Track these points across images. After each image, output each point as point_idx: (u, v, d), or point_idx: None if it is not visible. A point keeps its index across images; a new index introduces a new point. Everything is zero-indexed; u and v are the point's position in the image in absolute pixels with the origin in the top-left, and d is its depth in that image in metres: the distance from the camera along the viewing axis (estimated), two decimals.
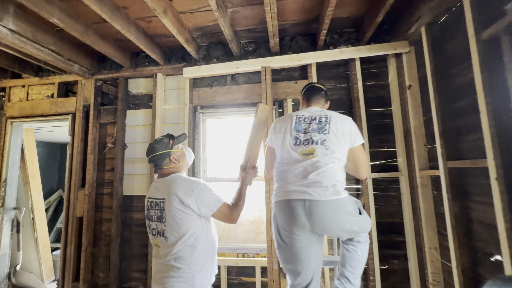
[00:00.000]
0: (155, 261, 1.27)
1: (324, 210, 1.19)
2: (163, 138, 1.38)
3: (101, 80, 2.68)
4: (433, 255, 1.92)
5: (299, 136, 1.37)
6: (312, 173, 1.25)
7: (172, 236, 1.20)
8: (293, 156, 1.33)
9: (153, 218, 1.27)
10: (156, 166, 1.34)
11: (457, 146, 1.65)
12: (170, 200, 1.21)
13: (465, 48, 1.54)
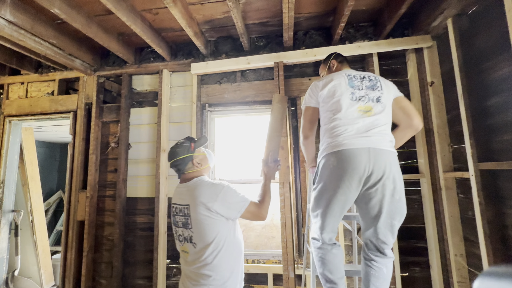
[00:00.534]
0: (183, 267, 1.24)
1: (386, 158, 1.19)
2: (184, 141, 1.31)
3: (104, 77, 2.56)
4: (459, 262, 1.80)
5: (354, 92, 1.30)
6: (372, 129, 1.23)
7: (200, 242, 1.16)
8: (350, 112, 1.27)
9: (178, 224, 1.23)
10: (179, 171, 1.29)
11: (489, 147, 1.53)
12: (196, 207, 1.16)
13: (500, 40, 1.43)
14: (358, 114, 1.26)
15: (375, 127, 1.23)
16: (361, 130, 1.22)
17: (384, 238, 1.24)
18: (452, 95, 1.85)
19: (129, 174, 2.43)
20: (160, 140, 2.33)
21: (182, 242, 1.22)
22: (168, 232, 2.29)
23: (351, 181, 1.18)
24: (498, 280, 0.32)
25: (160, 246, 2.20)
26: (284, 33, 2.00)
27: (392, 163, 1.20)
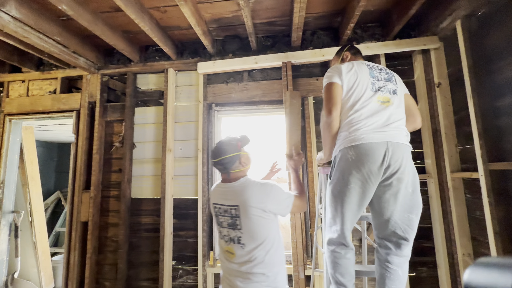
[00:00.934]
0: (225, 266, 1.25)
1: (403, 152, 1.19)
2: (231, 139, 1.30)
3: (108, 75, 2.52)
4: (467, 262, 1.81)
5: (374, 82, 1.30)
6: (390, 124, 1.23)
7: (251, 242, 1.18)
8: (369, 103, 1.25)
9: (223, 224, 1.25)
10: (225, 170, 1.26)
11: (499, 147, 1.54)
12: (248, 208, 1.17)
13: (510, 41, 1.44)
14: (377, 105, 1.25)
15: (393, 122, 1.23)
16: (380, 124, 1.21)
17: (403, 234, 1.21)
18: (459, 96, 1.87)
19: (133, 174, 2.40)
20: (166, 140, 2.30)
21: (228, 243, 1.23)
22: (174, 233, 2.26)
23: (369, 174, 1.17)
24: (488, 270, 0.33)
25: (166, 247, 2.17)
26: (293, 33, 1.99)
27: (408, 157, 1.21)
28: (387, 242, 1.27)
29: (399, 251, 1.24)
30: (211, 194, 1.35)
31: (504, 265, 0.32)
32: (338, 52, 1.60)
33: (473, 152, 1.72)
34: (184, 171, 2.34)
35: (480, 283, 0.33)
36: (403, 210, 1.21)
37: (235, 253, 1.20)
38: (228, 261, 1.23)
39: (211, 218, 2.22)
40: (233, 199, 1.21)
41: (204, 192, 2.21)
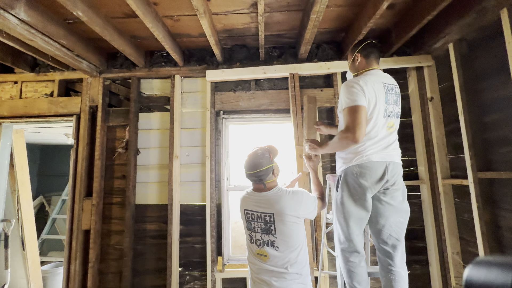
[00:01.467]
0: (257, 267, 1.35)
1: (399, 170, 1.43)
2: (264, 152, 1.39)
3: (110, 79, 2.47)
4: (456, 260, 2.02)
5: (387, 107, 1.40)
6: (391, 145, 1.42)
7: (285, 246, 1.30)
8: (379, 128, 1.39)
9: (256, 229, 1.36)
10: (261, 181, 1.35)
11: (486, 158, 1.75)
12: (283, 216, 1.29)
13: (497, 65, 1.65)
14: (385, 132, 1.41)
15: (392, 143, 1.43)
16: (383, 147, 1.40)
17: (396, 235, 1.42)
18: (449, 110, 2.08)
19: (138, 181, 2.37)
20: (173, 146, 2.30)
21: (260, 246, 1.34)
22: (181, 239, 2.27)
23: (371, 185, 1.36)
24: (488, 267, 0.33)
25: (173, 254, 2.18)
26: (302, 47, 2.09)
27: (401, 172, 1.45)
28: (385, 246, 1.44)
29: (396, 251, 1.42)
30: (242, 201, 1.45)
31: (504, 263, 0.32)
32: (352, 49, 1.56)
33: (462, 161, 1.93)
34: (190, 178, 2.36)
35: (480, 280, 0.33)
36: (396, 215, 1.42)
37: (269, 255, 1.32)
38: (261, 262, 1.34)
39: (218, 224, 2.26)
40: (268, 207, 1.32)
41: (212, 198, 2.24)
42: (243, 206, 1.43)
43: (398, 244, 1.42)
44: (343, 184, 1.45)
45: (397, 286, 1.39)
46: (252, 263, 1.40)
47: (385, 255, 1.44)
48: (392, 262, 1.42)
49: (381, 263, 1.47)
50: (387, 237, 1.42)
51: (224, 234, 2.23)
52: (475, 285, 0.34)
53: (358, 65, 1.53)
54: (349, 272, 1.44)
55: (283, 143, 2.43)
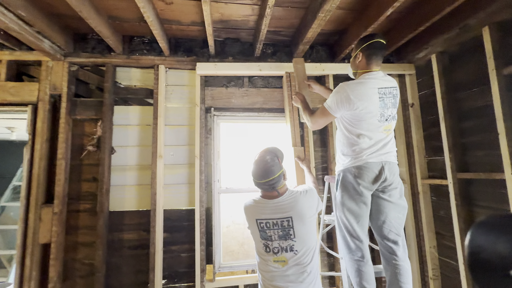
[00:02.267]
0: (272, 275, 1.31)
1: (395, 169, 1.50)
2: (272, 157, 1.34)
3: (77, 65, 2.10)
4: (433, 253, 2.21)
5: (384, 112, 1.43)
6: (387, 145, 1.47)
7: (304, 248, 1.30)
8: (375, 132, 1.43)
9: (273, 238, 1.31)
10: (273, 189, 1.31)
11: (464, 160, 1.94)
12: (303, 217, 1.30)
13: (475, 77, 1.83)
14: (382, 134, 1.45)
15: (388, 144, 1.48)
16: (379, 149, 1.45)
17: (396, 231, 1.49)
18: (428, 116, 2.27)
19: (112, 184, 2.06)
20: (156, 145, 2.06)
21: (278, 253, 1.30)
22: (164, 248, 2.04)
23: (369, 185, 1.42)
24: (489, 230, 0.32)
25: (157, 265, 1.94)
26: (300, 46, 2.06)
27: (397, 171, 1.51)
28: (387, 241, 1.49)
29: (398, 245, 1.48)
30: (250, 210, 1.36)
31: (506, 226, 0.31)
32: (356, 46, 1.55)
33: (439, 162, 2.12)
34: (176, 180, 2.14)
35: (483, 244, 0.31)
36: (395, 211, 1.49)
37: (287, 260, 1.30)
38: (278, 269, 1.30)
39: (208, 229, 2.09)
40: (285, 212, 1.29)
41: (202, 202, 2.06)
42: (253, 216, 1.35)
43: (399, 238, 1.48)
44: (342, 185, 1.50)
45: (402, 279, 1.44)
46: (265, 271, 1.33)
47: (388, 251, 1.48)
48: (396, 256, 1.46)
49: (385, 259, 1.51)
50: (388, 233, 1.47)
51: (215, 240, 2.08)
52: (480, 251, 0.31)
53: (359, 64, 1.54)
54: (358, 271, 1.44)
55: (277, 144, 2.36)
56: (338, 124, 1.56)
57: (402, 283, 1.43)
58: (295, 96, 1.89)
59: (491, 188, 1.74)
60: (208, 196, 2.13)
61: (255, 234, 1.37)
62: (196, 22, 1.98)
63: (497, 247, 0.30)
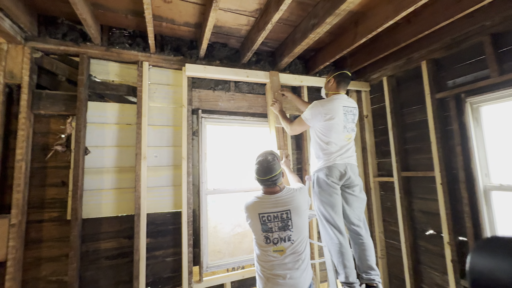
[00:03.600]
0: (271, 264, 1.46)
1: (356, 170, 1.86)
2: (273, 158, 1.54)
3: (42, 51, 1.81)
4: (381, 237, 2.72)
5: (346, 125, 1.81)
6: (349, 151, 1.84)
7: (300, 238, 1.49)
8: (340, 140, 1.80)
9: (273, 229, 1.47)
10: (275, 184, 1.51)
11: (406, 162, 2.49)
12: (299, 210, 1.50)
13: (414, 98, 2.39)
14: (345, 142, 1.84)
15: (350, 149, 1.86)
16: (343, 152, 1.82)
17: (361, 216, 1.88)
18: (379, 126, 2.79)
19: (86, 188, 1.85)
20: (141, 146, 1.95)
21: (277, 243, 1.46)
22: (148, 254, 1.94)
23: (337, 181, 1.78)
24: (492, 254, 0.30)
25: (141, 273, 1.84)
26: (285, 58, 2.27)
27: (357, 172, 1.89)
28: (353, 226, 1.87)
29: (361, 228, 1.86)
30: (254, 206, 1.53)
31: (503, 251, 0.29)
32: (330, 73, 1.95)
33: (386, 164, 2.64)
34: (160, 182, 2.06)
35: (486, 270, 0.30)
36: (357, 203, 1.88)
37: (285, 249, 1.47)
38: (277, 258, 1.46)
39: (195, 231, 2.09)
40: (284, 205, 1.49)
41: (190, 204, 2.05)
42: (256, 210, 1.51)
43: (361, 223, 1.86)
44: (317, 182, 1.84)
45: (367, 253, 1.81)
46: (264, 262, 1.48)
47: (355, 233, 1.85)
48: (361, 236, 1.83)
49: (353, 240, 1.87)
50: (353, 218, 1.85)
51: (203, 241, 2.09)
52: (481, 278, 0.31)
53: (330, 86, 1.95)
54: (339, 253, 1.73)
55: (261, 147, 2.51)
56: (313, 134, 1.91)
57: (368, 257, 1.79)
58: (275, 105, 2.17)
59: (425, 183, 2.30)
60: (194, 198, 2.13)
61: (256, 228, 1.52)
62: (190, 23, 1.97)
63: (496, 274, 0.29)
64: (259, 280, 1.52)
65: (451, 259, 2.03)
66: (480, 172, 1.88)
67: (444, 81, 2.14)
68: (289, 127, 2.03)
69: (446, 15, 1.73)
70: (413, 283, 2.32)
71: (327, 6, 1.67)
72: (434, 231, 2.22)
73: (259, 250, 1.51)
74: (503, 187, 1.78)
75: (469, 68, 1.96)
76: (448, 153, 2.10)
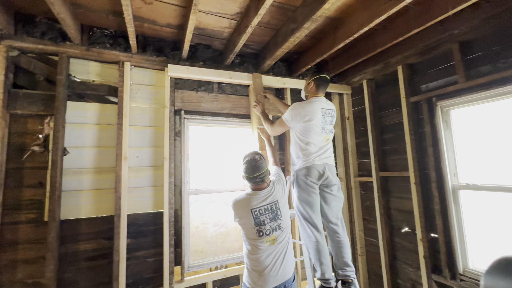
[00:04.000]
0: (259, 256, 1.56)
1: (334, 170, 1.93)
2: (260, 157, 1.65)
3: (19, 50, 1.78)
4: (360, 235, 2.82)
5: (324, 126, 1.88)
6: (326, 152, 1.90)
7: (286, 224, 1.66)
8: (318, 141, 1.86)
9: (265, 221, 1.59)
10: (262, 181, 1.64)
11: (384, 162, 2.58)
12: (283, 199, 1.70)
13: (391, 101, 2.49)
14: (323, 142, 1.91)
15: (327, 150, 1.92)
16: (321, 154, 1.88)
17: (338, 215, 1.95)
18: (359, 127, 2.89)
19: (64, 189, 1.83)
20: (122, 146, 1.95)
21: (270, 234, 1.58)
22: (129, 255, 1.94)
23: (315, 181, 1.83)
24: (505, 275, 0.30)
25: (121, 274, 1.84)
26: (268, 61, 2.31)
27: (335, 172, 1.95)
28: (331, 224, 1.94)
29: (338, 226, 1.92)
30: (244, 202, 1.61)
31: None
32: (309, 76, 2.02)
33: (366, 164, 2.74)
34: (141, 183, 2.06)
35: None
36: (335, 202, 1.95)
37: (277, 238, 1.60)
38: (268, 248, 1.57)
39: (177, 231, 2.10)
40: (272, 197, 1.65)
41: (171, 204, 2.06)
42: (247, 207, 1.59)
43: (339, 221, 1.93)
44: (297, 182, 1.89)
45: (344, 250, 1.87)
46: (255, 255, 1.57)
47: (332, 230, 1.91)
48: (338, 234, 1.90)
49: (330, 237, 1.93)
50: (331, 217, 1.91)
51: (185, 241, 2.10)
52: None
53: (310, 89, 2.02)
54: (316, 250, 1.79)
55: (244, 148, 2.55)
56: (293, 135, 1.97)
57: (344, 254, 1.86)
58: (257, 107, 2.23)
59: (400, 183, 2.40)
60: (177, 198, 2.14)
61: (248, 223, 1.59)
62: (172, 24, 1.99)
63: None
64: (249, 275, 1.58)
65: (423, 255, 2.13)
66: (449, 172, 1.98)
67: (418, 85, 2.25)
68: (271, 128, 2.10)
69: (418, 22, 1.82)
70: (389, 278, 2.42)
71: (305, 12, 1.72)
72: (409, 228, 2.33)
73: (250, 245, 1.59)
74: (469, 186, 1.89)
75: (440, 73, 2.07)
76: (422, 154, 2.20)
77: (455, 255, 1.93)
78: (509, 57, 1.67)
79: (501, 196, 1.75)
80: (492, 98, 1.77)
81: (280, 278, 1.56)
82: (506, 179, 1.72)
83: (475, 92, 1.81)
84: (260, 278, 1.52)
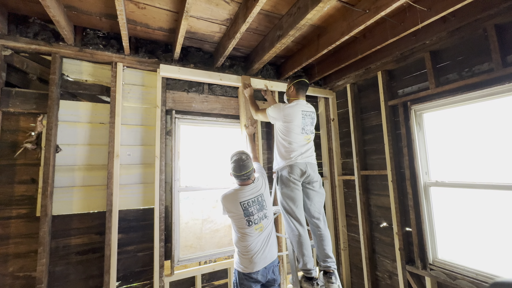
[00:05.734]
0: (249, 243, 1.73)
1: (315, 167, 2.06)
2: (246, 156, 1.81)
3: (12, 49, 1.82)
4: (343, 231, 2.97)
5: (304, 127, 2.02)
6: (308, 151, 2.02)
7: (270, 212, 1.87)
8: (299, 140, 2.00)
9: (253, 212, 1.76)
10: (248, 178, 1.80)
11: (365, 162, 2.75)
12: (266, 191, 1.90)
13: (372, 104, 2.65)
14: (303, 141, 2.04)
15: (309, 150, 2.05)
16: (303, 153, 2.02)
17: (321, 210, 2.07)
18: (343, 129, 3.05)
19: (57, 185, 1.88)
20: (114, 144, 2.02)
21: (258, 223, 1.76)
22: (119, 249, 2.01)
23: (298, 178, 1.96)
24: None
25: (112, 267, 1.91)
26: (256, 64, 2.42)
27: (316, 169, 2.09)
28: (313, 218, 2.07)
29: (320, 221, 2.04)
30: (233, 197, 1.78)
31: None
32: (290, 81, 2.15)
33: (349, 164, 2.89)
34: (132, 180, 2.13)
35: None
36: (317, 197, 2.08)
37: (264, 225, 1.79)
38: (257, 236, 1.75)
39: (167, 226, 2.18)
40: (257, 191, 1.84)
41: (162, 200, 2.14)
42: (237, 200, 1.75)
43: (320, 216, 2.05)
44: (281, 180, 2.02)
45: (325, 243, 2.00)
46: (244, 242, 1.74)
47: (314, 225, 2.03)
48: (320, 228, 2.02)
49: (313, 232, 2.05)
50: (313, 212, 2.03)
51: (175, 236, 2.18)
52: None
53: (290, 93, 2.17)
54: (299, 243, 1.91)
55: (233, 147, 2.65)
56: (276, 135, 2.11)
57: (325, 246, 1.99)
58: (248, 89, 2.42)
59: (379, 181, 2.57)
60: (167, 195, 2.22)
61: (238, 215, 1.75)
62: (164, 28, 2.07)
63: None
64: (240, 260, 1.76)
65: (399, 248, 2.30)
66: (421, 170, 2.16)
67: (395, 90, 2.42)
68: (255, 113, 2.32)
69: (393, 33, 1.98)
70: (369, 270, 2.58)
71: (289, 20, 1.85)
72: (387, 223, 2.49)
73: (240, 234, 1.76)
74: (439, 183, 2.07)
75: (415, 79, 2.25)
76: (398, 154, 2.37)
77: (426, 246, 2.10)
78: (471, 67, 1.85)
79: (466, 192, 1.93)
80: (458, 103, 1.95)
81: (268, 260, 1.77)
82: (471, 177, 1.90)
83: (444, 97, 1.99)
84: (252, 262, 1.69)
